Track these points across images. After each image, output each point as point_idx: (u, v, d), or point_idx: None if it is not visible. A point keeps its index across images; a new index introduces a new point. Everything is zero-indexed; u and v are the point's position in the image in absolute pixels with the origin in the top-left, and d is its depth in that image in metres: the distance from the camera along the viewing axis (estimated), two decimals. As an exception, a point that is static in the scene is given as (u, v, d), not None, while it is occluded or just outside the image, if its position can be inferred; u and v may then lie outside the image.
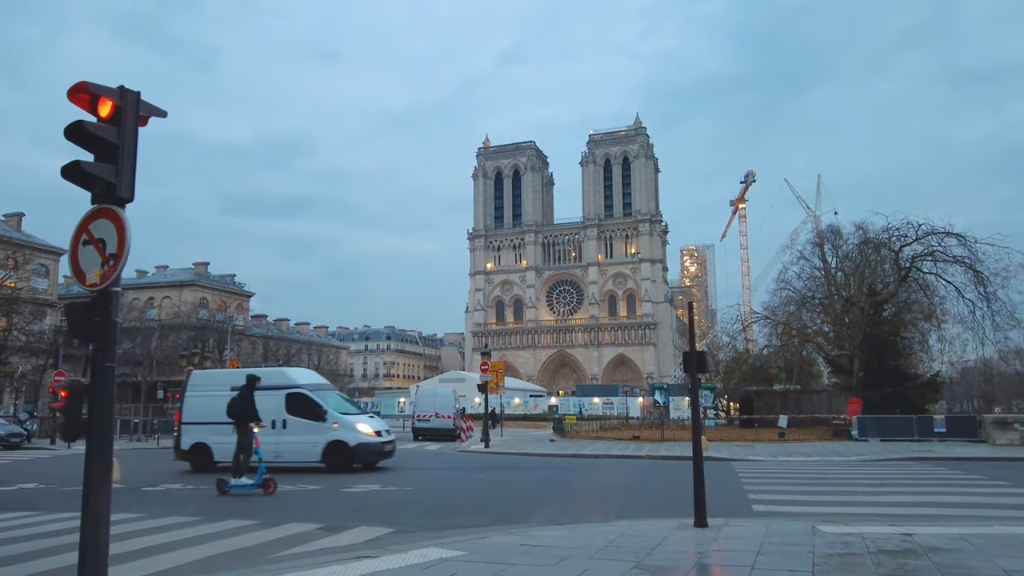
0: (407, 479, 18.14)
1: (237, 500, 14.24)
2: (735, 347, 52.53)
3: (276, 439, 19.05)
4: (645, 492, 15.81)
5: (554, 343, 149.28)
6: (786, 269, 46.85)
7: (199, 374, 24.24)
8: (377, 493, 15.06)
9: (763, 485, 15.76)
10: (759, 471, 19.50)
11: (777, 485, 15.86)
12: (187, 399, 21.64)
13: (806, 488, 15.17)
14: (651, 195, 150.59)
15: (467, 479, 18.05)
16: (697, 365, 11.00)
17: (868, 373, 40.16)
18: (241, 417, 15.66)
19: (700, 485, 10.55)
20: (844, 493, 14.43)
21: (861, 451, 26.49)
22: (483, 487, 16.52)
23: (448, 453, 29.12)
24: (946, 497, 13.79)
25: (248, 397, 15.86)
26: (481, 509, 12.86)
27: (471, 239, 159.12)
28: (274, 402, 19.38)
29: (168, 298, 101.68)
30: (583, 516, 12.06)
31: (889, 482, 16.65)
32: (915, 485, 15.77)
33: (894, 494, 14.26)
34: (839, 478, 17.42)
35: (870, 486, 15.73)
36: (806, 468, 20.59)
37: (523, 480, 16.83)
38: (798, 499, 13.64)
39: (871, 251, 43.32)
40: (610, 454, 26.06)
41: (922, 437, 31.29)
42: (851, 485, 15.89)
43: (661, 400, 39.41)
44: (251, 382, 16.20)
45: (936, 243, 39.70)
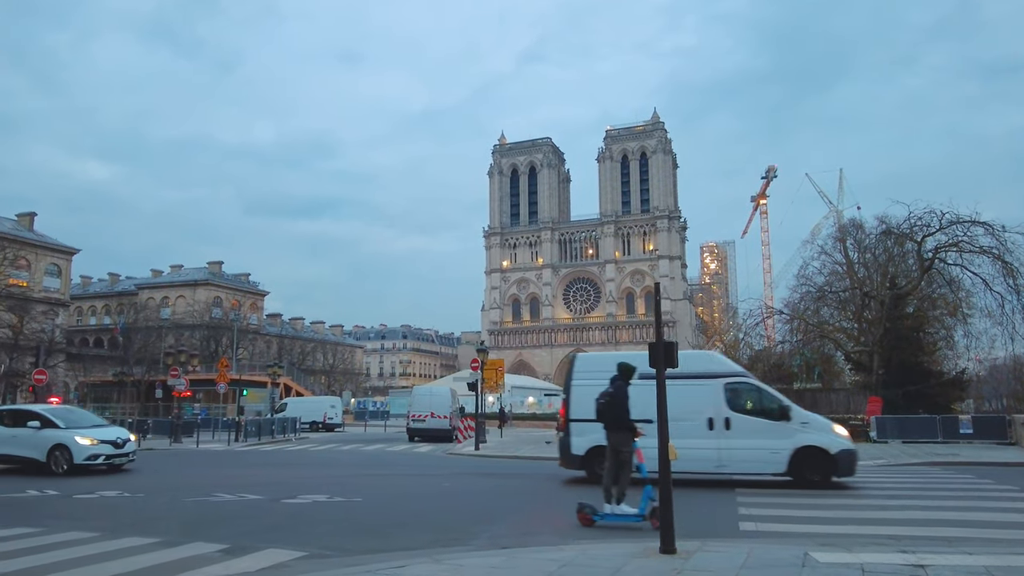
0: (362, 486, 16.37)
1: (144, 513, 12.54)
2: (749, 344, 50.43)
3: (717, 444, 15.51)
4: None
5: (571, 341, 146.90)
6: (806, 265, 44.77)
7: (585, 358, 18.74)
8: (317, 506, 13.27)
9: (759, 497, 13.83)
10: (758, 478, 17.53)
11: (775, 497, 13.90)
12: (574, 389, 17.19)
13: (808, 501, 13.20)
14: (669, 191, 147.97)
15: (430, 488, 16.22)
16: (665, 358, 9.10)
17: (889, 370, 37.92)
18: (617, 420, 11.43)
19: (666, 503, 8.67)
20: (852, 507, 12.45)
21: (879, 454, 24.37)
22: (441, 498, 14.68)
23: (435, 456, 27.34)
24: (973, 514, 11.77)
25: (623, 393, 11.53)
26: (425, 527, 11.04)
27: (487, 237, 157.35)
28: (706, 395, 15.68)
29: (182, 297, 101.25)
30: (537, 536, 10.25)
31: (906, 492, 14.64)
32: (936, 497, 13.73)
33: (910, 508, 12.25)
34: (849, 487, 15.42)
35: (884, 498, 13.74)
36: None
37: (491, 489, 15.02)
38: (796, 515, 11.69)
39: (892, 242, 41.04)
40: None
41: (947, 439, 29.04)
42: (862, 497, 13.91)
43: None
44: (625, 372, 11.81)
45: (961, 233, 37.34)
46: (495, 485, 15.59)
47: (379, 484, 16.55)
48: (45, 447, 19.52)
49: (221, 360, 40.13)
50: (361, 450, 30.76)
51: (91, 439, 19.69)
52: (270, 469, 21.77)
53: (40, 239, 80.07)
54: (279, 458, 26.84)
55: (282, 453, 29.67)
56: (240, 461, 24.07)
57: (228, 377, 37.46)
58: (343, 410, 72.57)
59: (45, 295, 78.20)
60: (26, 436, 19.94)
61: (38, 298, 75.98)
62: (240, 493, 14.76)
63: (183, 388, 35.30)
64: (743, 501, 13.08)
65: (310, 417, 54.52)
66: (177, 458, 27.33)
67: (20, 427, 20.16)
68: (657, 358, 9.08)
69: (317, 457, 27.43)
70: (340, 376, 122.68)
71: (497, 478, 18.53)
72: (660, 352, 9.07)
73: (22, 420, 20.47)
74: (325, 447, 32.89)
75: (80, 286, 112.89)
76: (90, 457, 19.45)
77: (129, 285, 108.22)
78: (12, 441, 20.09)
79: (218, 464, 23.88)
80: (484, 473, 19.62)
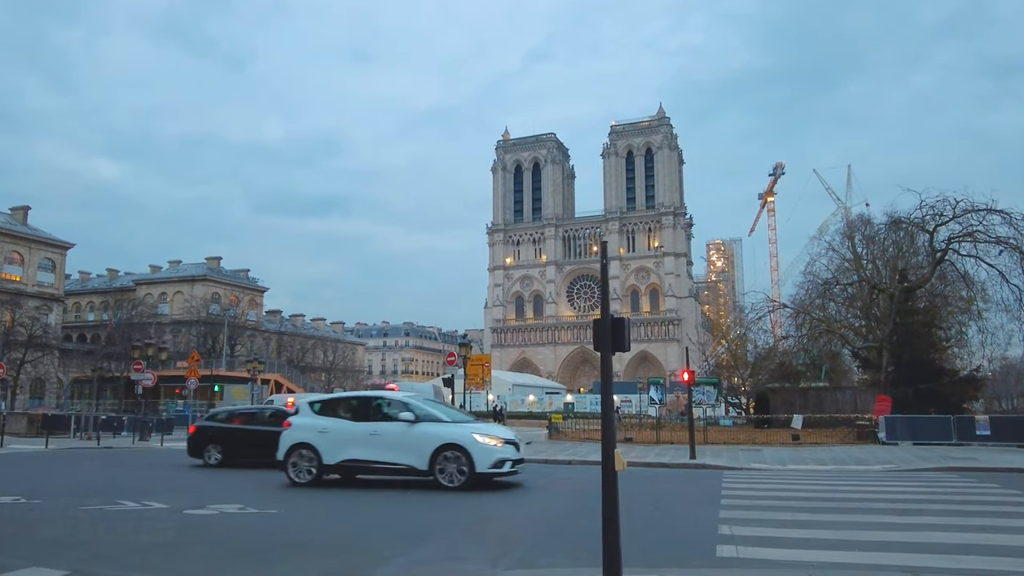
0: (290, 496, 14.32)
1: (18, 524, 10.54)
2: (749, 338, 48.35)
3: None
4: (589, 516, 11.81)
5: (574, 339, 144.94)
6: (814, 261, 42.65)
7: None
8: (217, 519, 11.23)
9: (748, 510, 11.73)
10: (753, 486, 15.42)
11: (767, 510, 11.79)
12: None
13: (805, 516, 11.10)
14: (675, 187, 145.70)
15: (366, 499, 14.09)
16: (613, 339, 7.03)
17: (898, 368, 35.74)
18: None
19: (611, 523, 6.63)
20: (855, 526, 10.30)
21: (887, 458, 22.24)
22: (371, 512, 12.54)
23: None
24: (999, 536, 9.58)
25: None
26: (325, 550, 9.01)
27: (490, 233, 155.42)
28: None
29: (180, 293, 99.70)
30: (465, 561, 8.26)
31: (918, 505, 12.48)
32: (957, 513, 11.59)
33: (926, 528, 10.10)
34: (853, 498, 13.32)
35: (892, 512, 11.61)
36: (815, 481, 16.46)
37: (436, 501, 12.96)
38: (788, 535, 9.59)
39: (903, 233, 38.78)
40: (588, 459, 22.07)
41: (961, 441, 26.84)
42: (867, 511, 11.76)
43: (657, 397, 35.21)
44: None
45: (977, 222, 35.07)
46: (443, 496, 13.54)
47: (312, 493, 14.50)
48: (428, 450, 14.47)
49: (192, 355, 38.21)
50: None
51: (494, 438, 14.79)
52: (204, 473, 19.78)
53: (33, 233, 78.55)
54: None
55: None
56: (187, 462, 22.07)
57: (198, 373, 35.52)
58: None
59: (39, 290, 76.74)
60: (395, 434, 14.85)
61: (31, 293, 74.54)
62: (147, 501, 12.77)
63: (149, 383, 33.37)
64: (727, 517, 10.98)
65: (296, 415, 52.54)
66: (121, 457, 25.43)
67: (379, 420, 15.42)
68: (602, 337, 7.03)
69: None
70: (340, 373, 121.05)
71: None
72: (606, 330, 7.02)
73: (379, 411, 15.73)
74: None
75: (79, 281, 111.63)
76: (496, 464, 14.47)
77: (127, 281, 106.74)
78: (372, 442, 14.99)
79: (155, 466, 21.99)
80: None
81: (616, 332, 7.00)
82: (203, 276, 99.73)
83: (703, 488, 14.94)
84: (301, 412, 16.16)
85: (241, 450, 20.89)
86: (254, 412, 24.11)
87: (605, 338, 6.93)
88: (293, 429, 15.71)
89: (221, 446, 21.25)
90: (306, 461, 15.27)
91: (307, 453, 15.27)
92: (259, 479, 16.96)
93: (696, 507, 12.38)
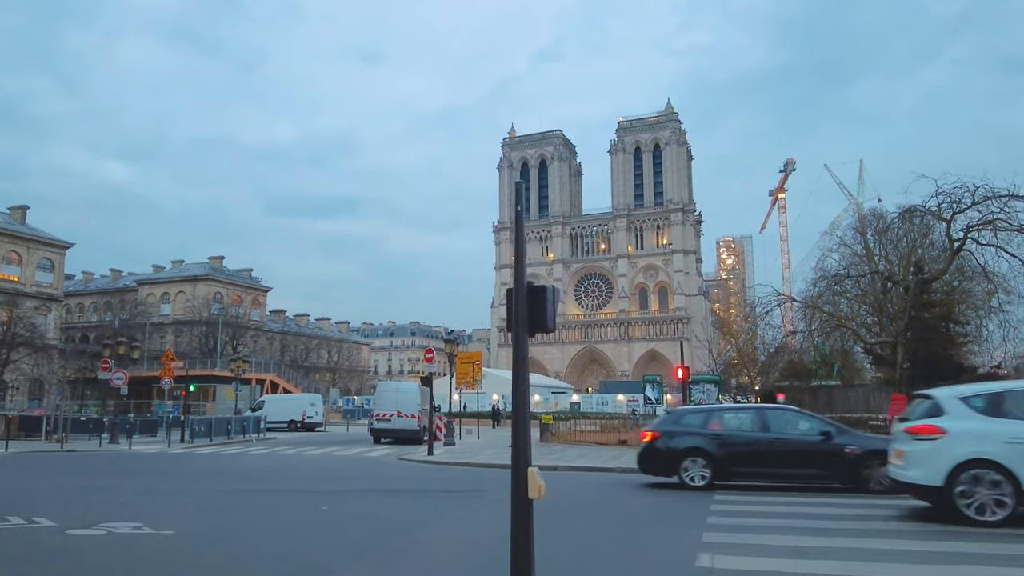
0: (208, 510, 12.49)
1: None
2: (757, 334, 46.29)
3: None
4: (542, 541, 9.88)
5: (582, 338, 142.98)
6: (825, 257, 40.45)
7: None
8: (87, 542, 9.35)
9: (739, 532, 9.76)
10: (750, 499, 13.42)
11: (762, 532, 9.79)
12: None
13: (808, 541, 9.09)
14: (684, 183, 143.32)
15: (298, 514, 12.12)
16: (530, 314, 5.09)
17: (914, 365, 33.57)
18: None
19: (521, 548, 4.68)
20: (875, 555, 8.29)
21: (905, 463, 20.17)
22: (293, 534, 10.52)
23: (379, 463, 23.47)
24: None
25: None
26: None
27: (496, 232, 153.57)
28: None
29: (182, 293, 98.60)
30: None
31: (954, 526, 10.41)
32: (993, 536, 9.56)
33: (966, 559, 8.11)
34: (871, 515, 11.29)
35: (920, 536, 9.59)
36: (825, 492, 14.46)
37: (384, 516, 11.07)
38: (785, 569, 7.60)
39: (918, 222, 36.56)
40: (575, 465, 20.16)
41: (984, 443, 24.68)
42: (888, 534, 9.74)
43: (653, 396, 33.21)
44: None
45: (997, 208, 32.73)
46: (395, 508, 11.65)
47: (238, 506, 12.63)
48: None
49: (166, 353, 36.43)
50: (305, 454, 26.99)
51: None
52: (141, 479, 18.08)
53: (32, 233, 77.44)
54: (191, 464, 23.19)
55: (211, 458, 26.00)
56: (136, 467, 20.39)
57: (173, 372, 33.76)
58: (326, 408, 69.37)
59: (37, 290, 75.59)
60: None
61: (29, 293, 73.36)
62: (36, 517, 10.92)
63: (120, 383, 31.62)
64: (711, 541, 9.00)
65: (287, 416, 51.01)
66: (78, 462, 23.68)
67: None
68: (517, 311, 5.09)
69: (234, 463, 23.71)
70: (345, 373, 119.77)
71: (411, 496, 14.55)
72: (520, 301, 5.08)
73: None
74: (271, 450, 29.13)
75: (82, 282, 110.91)
76: None
77: (130, 281, 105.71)
78: None
79: (98, 472, 20.15)
80: (400, 490, 15.59)
81: (534, 306, 5.05)
82: (205, 276, 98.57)
83: (691, 501, 12.96)
84: (951, 412, 10.78)
85: (745, 465, 15.04)
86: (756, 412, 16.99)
87: (520, 313, 4.98)
88: (952, 439, 10.40)
89: (707, 459, 14.86)
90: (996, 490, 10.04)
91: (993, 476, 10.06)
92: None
93: (677, 528, 10.43)
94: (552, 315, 5.19)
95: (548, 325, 5.11)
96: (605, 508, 12.86)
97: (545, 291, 5.20)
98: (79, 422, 38.82)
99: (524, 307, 5.04)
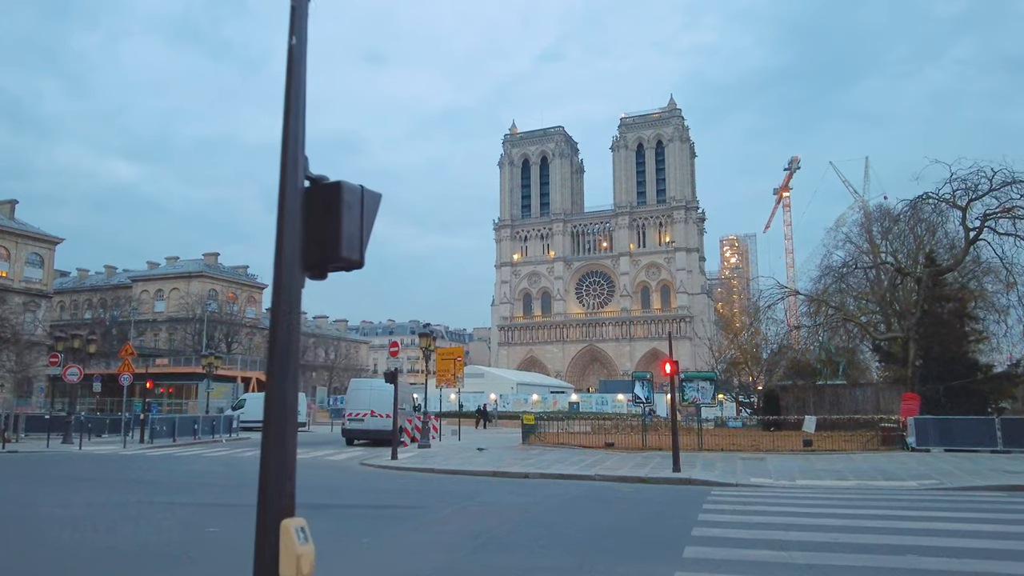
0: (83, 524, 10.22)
1: None
2: (760, 330, 44.05)
3: None
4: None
5: (583, 337, 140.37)
6: (830, 254, 38.39)
7: None
8: None
9: (720, 572, 7.47)
10: (744, 517, 11.09)
11: (752, 570, 7.51)
12: None
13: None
14: (687, 180, 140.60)
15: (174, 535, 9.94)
16: (305, 229, 2.79)
17: (927, 362, 31.30)
18: None
19: None
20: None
21: (923, 470, 17.88)
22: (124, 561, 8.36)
23: (335, 467, 21.23)
24: None
25: None
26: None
27: (497, 230, 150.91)
28: None
29: (176, 290, 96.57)
30: None
31: (1004, 563, 8.04)
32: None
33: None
34: (894, 545, 8.91)
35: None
36: (832, 507, 12.17)
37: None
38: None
39: (929, 210, 34.18)
40: (547, 472, 17.87)
41: (1009, 447, 22.26)
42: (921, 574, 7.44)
43: (643, 395, 30.92)
44: None
45: (1018, 195, 30.55)
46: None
47: (93, 526, 10.39)
48: None
49: (125, 347, 34.22)
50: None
51: None
52: (35, 486, 15.85)
53: (21, 228, 75.38)
54: (123, 468, 21.19)
55: (154, 460, 23.92)
56: (49, 472, 18.25)
57: (132, 368, 31.57)
58: (315, 407, 67.22)
59: (25, 286, 73.65)
60: None
61: (18, 289, 71.47)
62: None
63: (75, 379, 29.50)
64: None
65: (268, 415, 48.80)
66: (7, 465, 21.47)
67: None
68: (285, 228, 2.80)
69: (169, 467, 21.64)
70: (342, 372, 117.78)
71: (333, 513, 12.17)
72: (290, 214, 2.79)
73: None
74: (230, 452, 26.95)
75: (76, 279, 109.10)
76: None
77: (124, 278, 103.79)
78: None
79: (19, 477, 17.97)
80: (328, 505, 13.03)
81: (319, 216, 2.78)
82: (200, 273, 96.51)
83: (673, 518, 10.71)
84: None
85: None
86: None
87: (289, 228, 2.73)
88: None
89: None
90: None
91: None
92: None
93: (646, 557, 8.14)
94: (360, 236, 2.96)
95: (349, 255, 2.88)
96: (576, 520, 10.60)
97: (341, 189, 2.96)
98: (40, 420, 36.72)
99: (298, 216, 2.82)
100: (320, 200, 2.92)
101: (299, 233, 2.82)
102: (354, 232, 2.91)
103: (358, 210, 2.96)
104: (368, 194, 3.05)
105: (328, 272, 2.94)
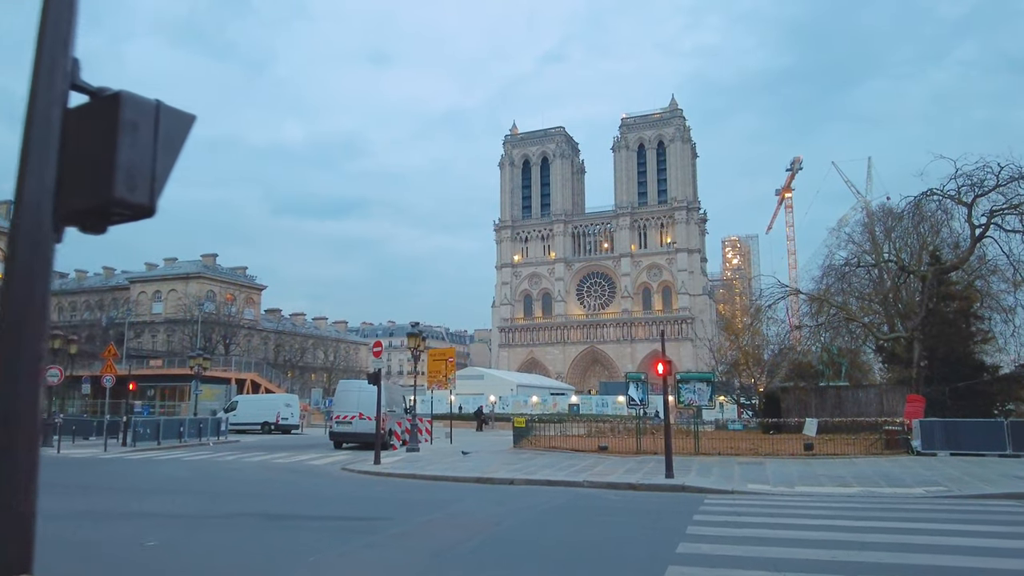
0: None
1: None
2: (760, 331, 43.21)
3: None
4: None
5: (584, 339, 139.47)
6: (832, 254, 37.46)
7: None
8: None
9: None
10: (737, 530, 10.21)
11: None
12: None
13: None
14: (688, 181, 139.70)
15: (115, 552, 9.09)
16: (70, 150, 1.87)
17: (932, 363, 30.40)
18: None
19: None
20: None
21: (930, 476, 16.98)
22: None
23: (314, 473, 20.38)
24: None
25: None
26: None
27: (497, 230, 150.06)
28: None
29: (174, 291, 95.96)
30: None
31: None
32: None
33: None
34: (898, 565, 8.03)
35: None
36: (833, 516, 11.29)
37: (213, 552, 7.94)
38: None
39: (933, 207, 33.26)
40: (532, 478, 16.99)
41: (1019, 451, 21.31)
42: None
43: (637, 396, 30.00)
44: None
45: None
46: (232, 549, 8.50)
47: (55, 540, 9.53)
48: None
49: (108, 348, 33.42)
50: (242, 461, 24.00)
51: None
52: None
53: (6, 227, 74.70)
54: (88, 473, 20.28)
55: (129, 464, 23.17)
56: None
57: (115, 370, 30.77)
58: (310, 408, 66.42)
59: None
60: None
61: (8, 290, 70.85)
62: None
63: (55, 381, 28.70)
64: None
65: (260, 417, 48.01)
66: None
67: None
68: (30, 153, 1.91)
69: (139, 472, 20.92)
70: (342, 373, 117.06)
71: (294, 524, 11.25)
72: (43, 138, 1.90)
73: None
74: (211, 456, 26.11)
75: (75, 280, 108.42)
76: None
77: (122, 279, 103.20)
78: None
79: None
80: (293, 515, 12.19)
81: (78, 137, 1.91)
82: (197, 274, 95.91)
83: (660, 531, 9.84)
84: None
85: None
86: None
87: (37, 159, 1.87)
88: None
89: None
90: None
91: None
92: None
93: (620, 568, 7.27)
94: (151, 171, 2.09)
95: (127, 195, 2.02)
96: (548, 533, 9.71)
97: (120, 102, 2.10)
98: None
99: (54, 138, 1.96)
100: (92, 120, 2.06)
101: (53, 164, 1.96)
102: (139, 164, 2.05)
103: (149, 134, 2.10)
104: (167, 112, 2.19)
105: (108, 223, 2.07)
